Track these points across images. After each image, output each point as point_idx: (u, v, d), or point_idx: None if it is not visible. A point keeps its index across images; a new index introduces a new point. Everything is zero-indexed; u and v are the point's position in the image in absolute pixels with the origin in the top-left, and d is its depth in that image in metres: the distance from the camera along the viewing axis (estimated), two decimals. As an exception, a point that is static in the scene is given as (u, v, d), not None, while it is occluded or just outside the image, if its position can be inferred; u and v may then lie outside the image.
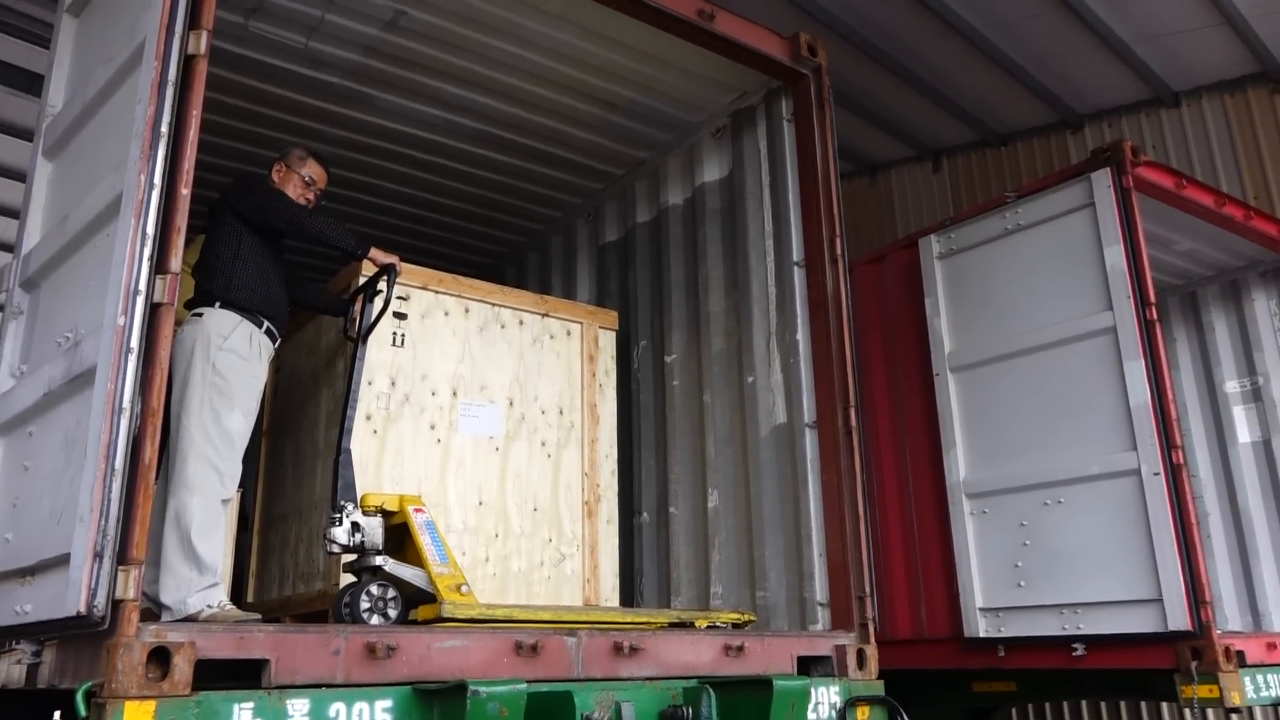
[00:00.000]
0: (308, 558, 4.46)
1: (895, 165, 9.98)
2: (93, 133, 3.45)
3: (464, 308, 4.65)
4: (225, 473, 3.45)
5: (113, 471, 2.61)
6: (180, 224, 2.85)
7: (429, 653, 2.92)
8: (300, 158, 4.10)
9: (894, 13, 7.33)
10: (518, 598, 4.45)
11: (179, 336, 3.56)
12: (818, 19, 7.27)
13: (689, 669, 3.43)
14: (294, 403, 4.85)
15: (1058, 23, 7.38)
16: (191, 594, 3.22)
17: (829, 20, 7.35)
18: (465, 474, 4.45)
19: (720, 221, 5.14)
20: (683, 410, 5.13)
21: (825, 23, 7.33)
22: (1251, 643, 4.71)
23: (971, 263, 5.71)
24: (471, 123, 5.33)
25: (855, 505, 4.12)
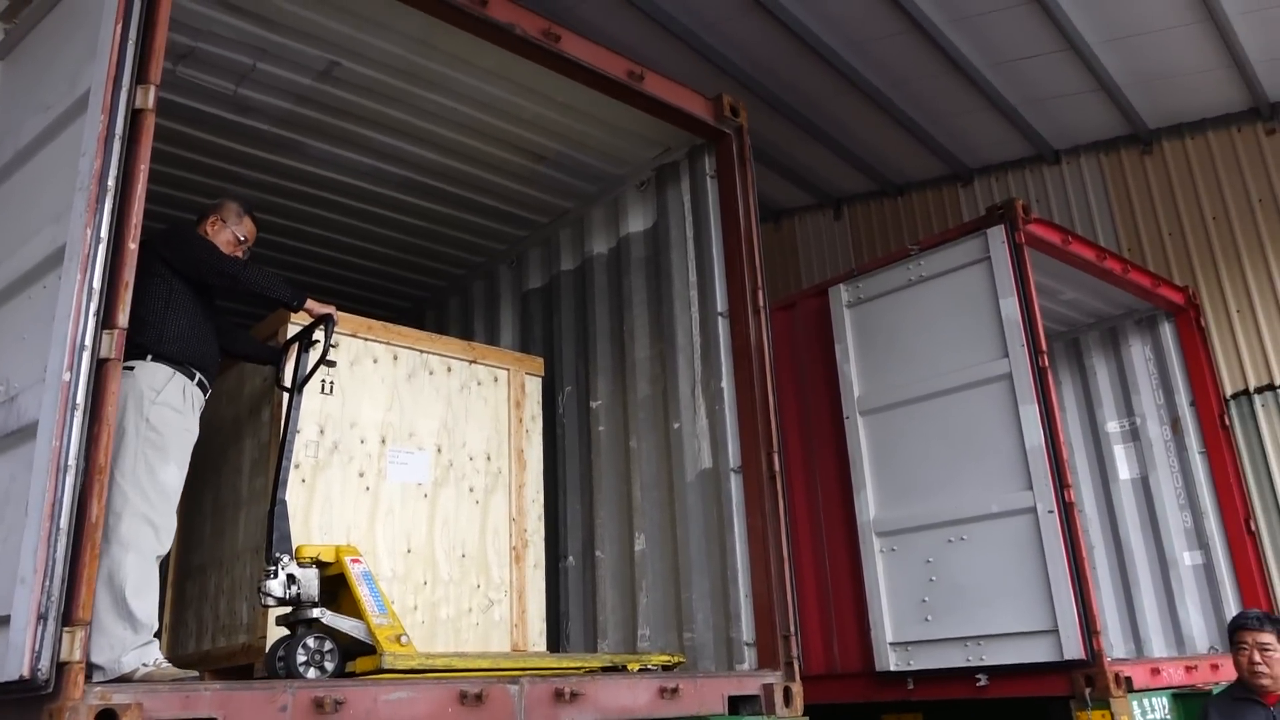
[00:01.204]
0: (229, 610, 4.38)
1: (799, 212, 10.39)
2: (25, 181, 3.38)
3: (392, 355, 4.67)
4: (160, 528, 3.39)
5: (58, 531, 2.57)
6: (128, 279, 2.84)
7: (375, 705, 2.94)
8: (237, 214, 4.04)
9: (798, 68, 7.70)
10: (446, 645, 4.45)
11: None
12: (730, 75, 7.58)
13: (626, 712, 3.52)
14: (214, 450, 4.77)
15: (951, 84, 7.87)
16: (126, 652, 3.15)
17: (740, 76, 7.67)
18: (394, 521, 4.46)
19: (645, 271, 5.31)
20: (609, 455, 5.24)
21: (735, 77, 7.65)
22: (1138, 669, 5.05)
23: (878, 311, 6.02)
24: (400, 170, 5.38)
25: (780, 547, 4.30)
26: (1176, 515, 6.71)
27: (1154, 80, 7.70)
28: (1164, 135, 8.26)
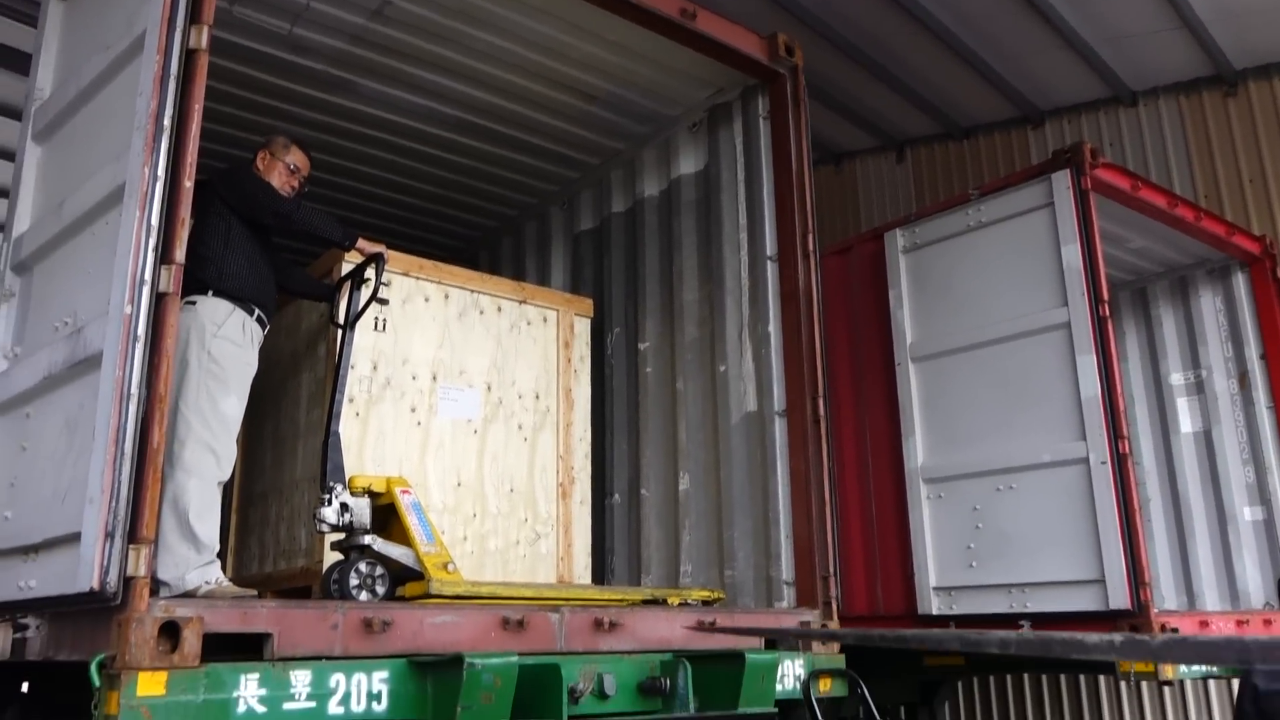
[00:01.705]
0: (289, 535, 4.57)
1: (860, 155, 10.19)
2: (87, 120, 3.51)
3: (444, 294, 4.77)
4: (221, 455, 3.56)
5: (122, 454, 2.72)
6: (184, 215, 2.95)
7: (422, 627, 3.08)
8: (284, 145, 4.16)
9: (862, 5, 7.50)
10: (494, 576, 4.60)
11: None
12: (789, 11, 7.42)
13: (664, 643, 3.62)
14: (273, 384, 4.94)
15: (1023, 21, 7.60)
16: (190, 571, 3.33)
17: (799, 12, 7.50)
18: (444, 456, 4.59)
19: (695, 214, 5.30)
20: (655, 396, 5.30)
21: (796, 14, 7.48)
22: (1185, 620, 5.01)
23: (934, 257, 5.93)
24: (452, 110, 5.42)
25: (821, 490, 4.33)
26: (1239, 470, 6.56)
27: (1240, 17, 7.32)
28: (1250, 76, 7.88)
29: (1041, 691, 8.20)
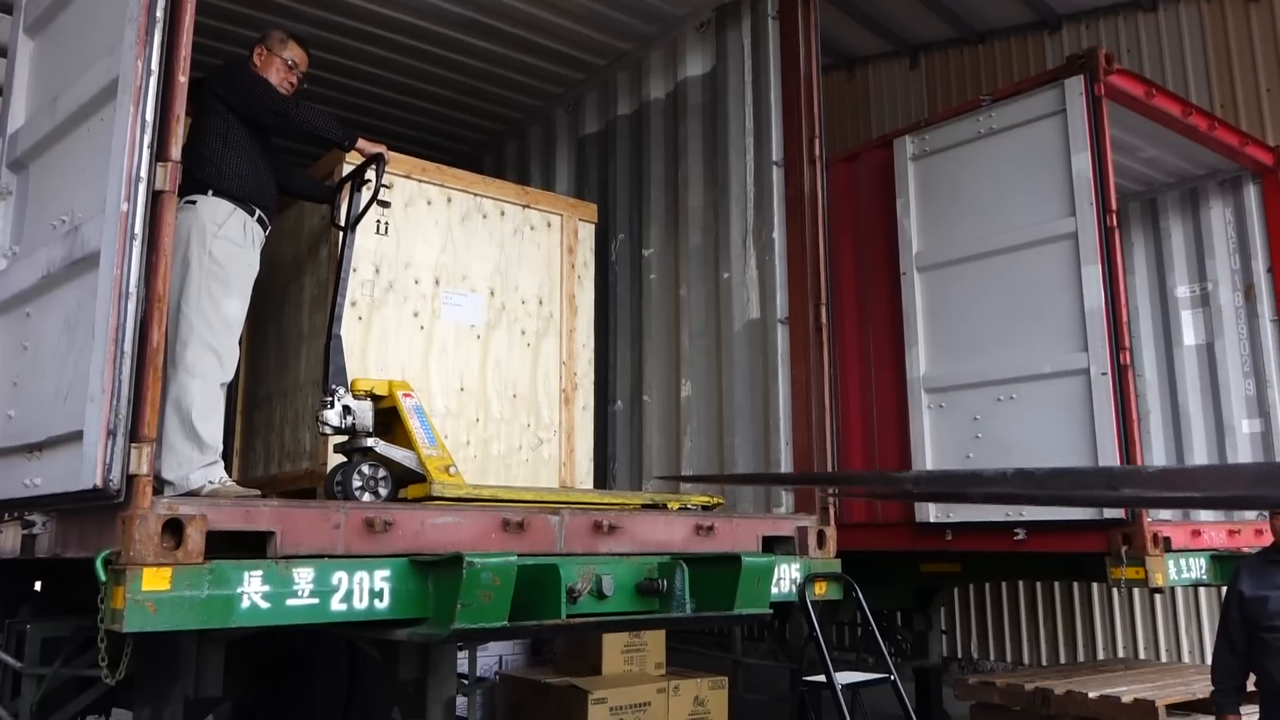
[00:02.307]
0: (294, 438, 4.61)
1: (874, 60, 9.95)
2: (79, 12, 3.42)
3: (446, 197, 4.71)
4: (224, 356, 3.56)
5: (122, 354, 2.73)
6: (179, 111, 2.89)
7: (423, 528, 3.13)
8: (281, 40, 4.06)
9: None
10: (497, 479, 4.66)
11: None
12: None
13: (663, 546, 3.68)
14: (276, 287, 4.92)
15: (1043, -80, 7.33)
16: (193, 470, 3.37)
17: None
18: (447, 360, 4.60)
19: (701, 117, 5.19)
20: (659, 303, 5.29)
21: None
22: (1178, 530, 5.08)
23: (943, 165, 5.84)
24: (454, 7, 5.27)
25: (822, 398, 4.34)
26: (1239, 383, 6.57)
27: (1269, -84, 7.06)
28: (1274, -20, 7.63)
29: (1036, 600, 8.38)
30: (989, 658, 8.60)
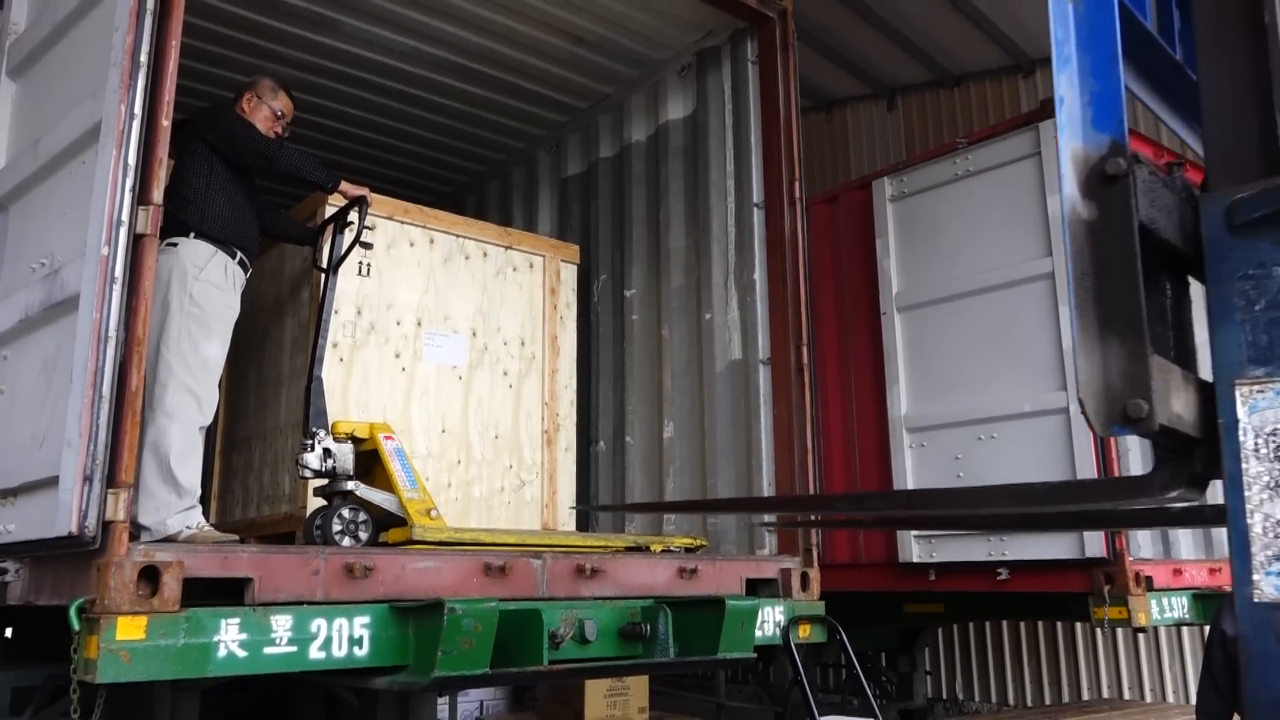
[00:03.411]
0: (273, 481, 4.57)
1: (851, 102, 10.09)
2: (63, 55, 3.42)
3: (429, 238, 4.72)
4: (203, 399, 3.54)
5: (100, 398, 2.70)
6: (162, 155, 2.90)
7: (404, 573, 3.09)
8: (271, 89, 4.08)
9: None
10: (479, 522, 4.62)
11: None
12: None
13: (646, 589, 3.65)
14: (257, 328, 4.90)
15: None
16: (171, 515, 3.33)
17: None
18: (429, 402, 4.58)
19: (683, 160, 5.25)
20: (641, 343, 5.30)
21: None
22: (1160, 569, 5.09)
23: (922, 206, 5.90)
24: (438, 51, 5.32)
25: (804, 439, 4.35)
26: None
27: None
28: (1241, 25, 7.82)
29: (1020, 640, 8.36)
30: (974, 698, 8.55)
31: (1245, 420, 1.47)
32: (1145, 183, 1.54)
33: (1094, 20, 1.59)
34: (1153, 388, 1.45)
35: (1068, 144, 1.55)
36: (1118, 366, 1.50)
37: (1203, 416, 1.55)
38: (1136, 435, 1.49)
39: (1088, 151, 1.55)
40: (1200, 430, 1.54)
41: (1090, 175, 1.54)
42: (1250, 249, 1.51)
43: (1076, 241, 1.52)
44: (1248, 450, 1.46)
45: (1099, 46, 1.59)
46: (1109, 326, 1.51)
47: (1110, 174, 1.51)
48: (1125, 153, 1.52)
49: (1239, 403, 1.48)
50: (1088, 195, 1.52)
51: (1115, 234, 1.52)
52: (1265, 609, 1.42)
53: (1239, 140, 1.60)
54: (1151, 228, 1.55)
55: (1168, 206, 1.59)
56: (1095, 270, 1.52)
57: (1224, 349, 1.51)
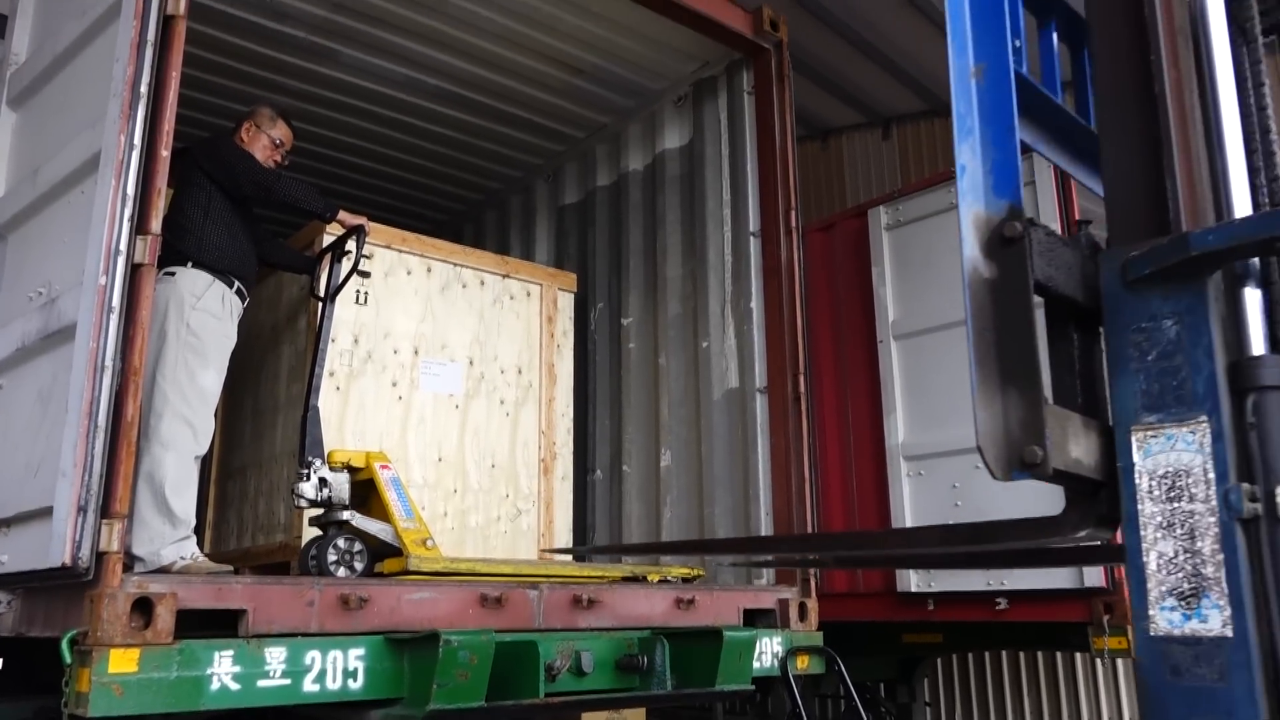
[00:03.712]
0: (267, 510, 4.55)
1: (847, 131, 10.15)
2: (64, 86, 3.44)
3: (426, 267, 4.73)
4: (199, 429, 3.53)
5: (95, 428, 2.69)
6: (160, 185, 2.91)
7: (399, 604, 3.07)
8: (270, 119, 4.11)
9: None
10: (475, 551, 4.60)
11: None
12: (777, -14, 7.35)
13: (643, 620, 3.63)
14: (253, 357, 4.90)
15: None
16: (165, 546, 3.31)
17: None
18: (426, 430, 4.57)
19: (679, 188, 5.27)
20: (638, 372, 5.29)
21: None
22: (1160, 600, 5.05)
23: (917, 235, 5.92)
24: (436, 81, 5.35)
25: (801, 467, 4.34)
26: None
27: None
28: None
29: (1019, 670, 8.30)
30: (973, 729, 8.48)
31: (1140, 464, 1.57)
32: (1042, 243, 1.64)
33: (994, 95, 1.71)
34: (1047, 435, 1.54)
35: (969, 209, 1.66)
36: (1016, 416, 1.59)
37: (1105, 461, 1.63)
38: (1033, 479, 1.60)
39: (989, 215, 1.66)
40: (1104, 474, 1.63)
41: (991, 238, 1.65)
42: (1143, 303, 1.61)
43: (977, 299, 1.63)
44: (1143, 492, 1.56)
45: (999, 119, 1.71)
46: (1008, 378, 1.61)
47: (1008, 236, 1.63)
48: (1022, 216, 1.63)
49: (1135, 448, 1.58)
50: (988, 256, 1.64)
51: (1013, 292, 1.62)
52: (1160, 642, 1.52)
53: (1134, 200, 1.71)
54: (1049, 285, 1.66)
55: (1066, 264, 1.69)
56: (995, 326, 1.62)
57: (1121, 397, 1.61)
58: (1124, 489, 1.58)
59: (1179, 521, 1.53)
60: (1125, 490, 1.58)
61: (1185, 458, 1.54)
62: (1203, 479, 1.52)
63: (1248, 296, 1.57)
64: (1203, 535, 1.50)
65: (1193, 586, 1.50)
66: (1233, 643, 1.45)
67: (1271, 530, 1.47)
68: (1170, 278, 1.57)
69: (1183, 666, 1.49)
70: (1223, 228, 1.54)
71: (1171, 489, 1.54)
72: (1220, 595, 1.48)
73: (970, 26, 1.77)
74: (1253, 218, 1.56)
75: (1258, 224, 1.50)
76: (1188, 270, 1.55)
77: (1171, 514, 1.53)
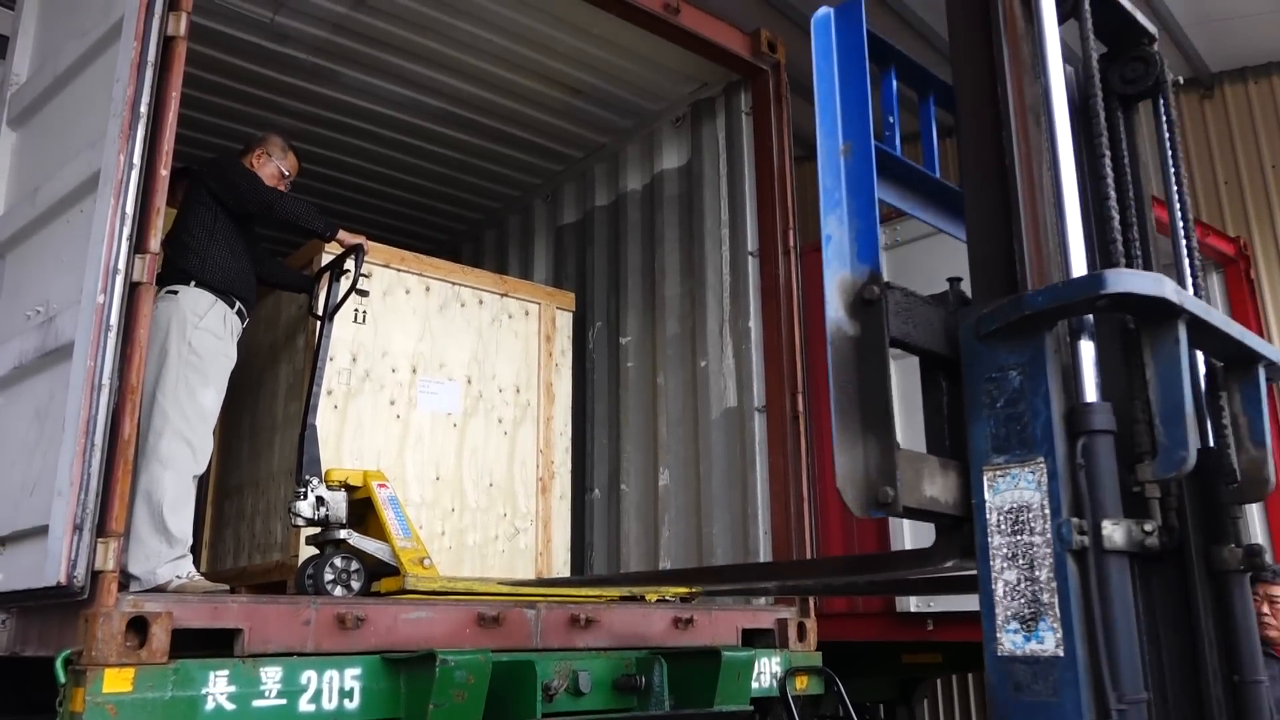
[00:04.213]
0: (265, 529, 4.54)
1: (844, 152, 10.20)
2: (64, 106, 3.46)
3: (425, 286, 4.74)
4: (198, 448, 3.53)
5: (92, 446, 2.69)
6: (159, 204, 2.92)
7: (396, 623, 3.06)
8: (282, 149, 4.18)
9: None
10: (473, 571, 4.58)
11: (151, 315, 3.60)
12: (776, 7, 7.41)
13: (641, 640, 3.61)
14: (252, 375, 4.89)
15: (1005, 21, 7.62)
16: (161, 565, 3.30)
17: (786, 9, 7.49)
18: (423, 449, 4.56)
19: (678, 208, 5.29)
20: (636, 391, 5.29)
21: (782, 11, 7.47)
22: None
23: (915, 255, 5.93)
24: (435, 102, 5.38)
25: (799, 486, 4.33)
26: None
27: (1216, 21, 7.38)
28: (1225, 79, 7.94)
29: (1017, 688, 8.25)
30: (974, 751, 8.41)
31: (990, 501, 1.74)
32: (898, 304, 1.84)
33: (859, 170, 1.91)
34: (898, 477, 1.72)
35: (834, 274, 1.85)
36: (872, 460, 1.77)
37: (965, 498, 1.81)
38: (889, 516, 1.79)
39: (853, 279, 1.86)
40: (964, 510, 1.80)
41: (854, 300, 1.84)
42: (992, 356, 1.79)
43: (839, 355, 1.82)
44: (992, 526, 1.73)
45: (862, 192, 1.90)
46: (866, 427, 1.78)
47: (867, 299, 1.83)
48: (880, 280, 1.83)
49: (986, 486, 1.75)
50: (851, 316, 1.84)
51: (871, 349, 1.81)
52: (1005, 661, 1.68)
53: (992, 261, 1.90)
54: (905, 340, 1.85)
55: (926, 321, 1.89)
56: (855, 379, 1.81)
57: (975, 440, 1.79)
58: (977, 523, 1.74)
59: (1021, 553, 1.68)
60: (978, 524, 1.74)
61: (1027, 495, 1.70)
62: (1041, 514, 1.67)
63: (1084, 349, 1.74)
64: (1040, 565, 1.65)
65: (1032, 611, 1.66)
66: (1064, 661, 1.60)
67: (1098, 560, 1.62)
68: (1014, 333, 1.74)
69: (1023, 683, 1.64)
70: (1049, 289, 1.72)
71: (1015, 523, 1.70)
72: (1054, 619, 1.63)
73: (840, 109, 1.99)
74: (1074, 280, 1.73)
75: (1077, 286, 1.68)
76: (1027, 327, 1.73)
77: (1015, 546, 1.69)
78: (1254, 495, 1.95)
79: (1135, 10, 2.14)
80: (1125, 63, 2.18)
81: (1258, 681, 1.86)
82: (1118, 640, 1.59)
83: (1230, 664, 1.88)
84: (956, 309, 1.92)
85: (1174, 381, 1.69)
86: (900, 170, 2.12)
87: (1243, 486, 1.93)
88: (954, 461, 1.84)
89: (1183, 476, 1.71)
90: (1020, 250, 1.85)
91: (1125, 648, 1.60)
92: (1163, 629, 1.87)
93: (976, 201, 1.96)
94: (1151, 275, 1.69)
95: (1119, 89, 2.19)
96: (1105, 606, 1.61)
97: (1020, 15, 1.96)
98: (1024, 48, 1.94)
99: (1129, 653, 1.60)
